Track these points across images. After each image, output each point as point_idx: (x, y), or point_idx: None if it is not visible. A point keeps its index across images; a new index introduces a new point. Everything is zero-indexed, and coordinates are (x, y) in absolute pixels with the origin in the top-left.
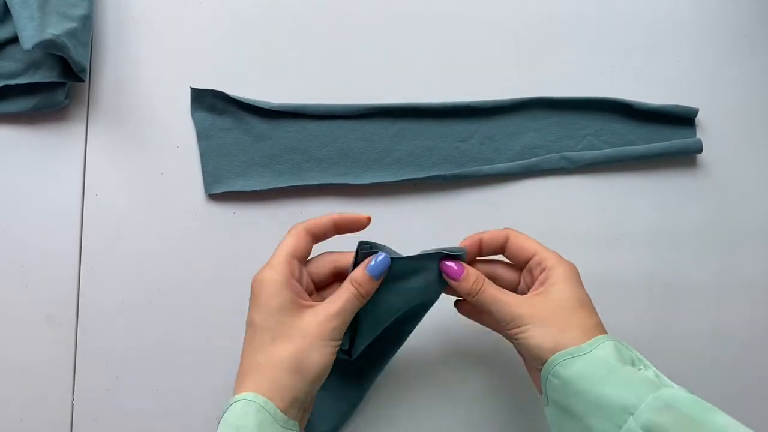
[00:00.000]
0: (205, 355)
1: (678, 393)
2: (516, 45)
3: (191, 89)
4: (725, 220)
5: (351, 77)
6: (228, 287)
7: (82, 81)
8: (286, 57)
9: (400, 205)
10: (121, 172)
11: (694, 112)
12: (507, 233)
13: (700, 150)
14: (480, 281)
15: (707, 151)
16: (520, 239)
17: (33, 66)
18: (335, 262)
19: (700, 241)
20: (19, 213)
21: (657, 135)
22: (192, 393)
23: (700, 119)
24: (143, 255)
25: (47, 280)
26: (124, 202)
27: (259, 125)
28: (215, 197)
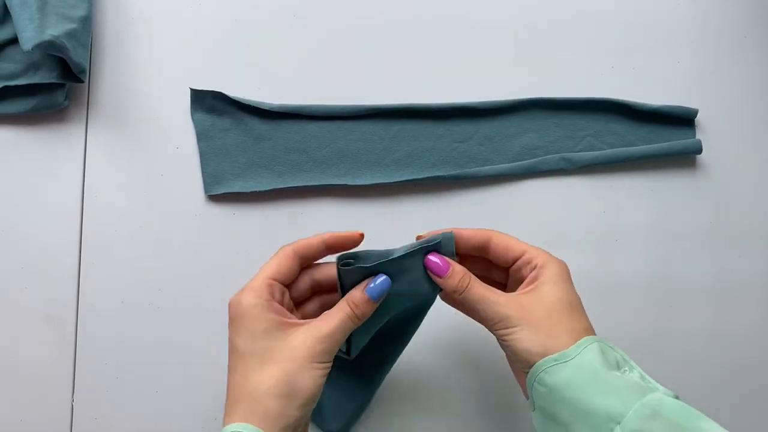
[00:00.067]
0: (205, 356)
1: (664, 399)
2: (516, 45)
3: (191, 90)
4: (725, 220)
5: (350, 78)
6: (228, 288)
7: (81, 82)
8: (285, 58)
9: (399, 206)
10: (121, 173)
11: (693, 112)
12: (489, 234)
13: (699, 151)
14: (467, 278)
15: (707, 152)
16: (505, 240)
17: (32, 67)
18: (312, 275)
19: (699, 242)
20: (19, 214)
21: (656, 136)
22: (192, 393)
23: (699, 120)
24: (143, 256)
25: (47, 280)
26: (123, 202)
27: (259, 126)
28: (215, 198)
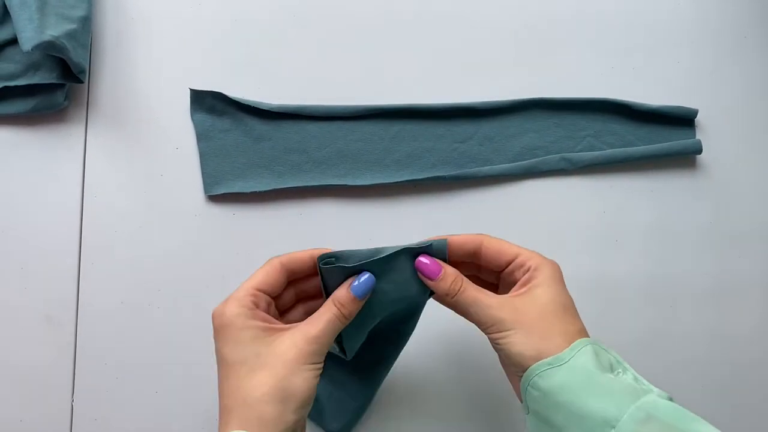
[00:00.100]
0: (205, 356)
1: (659, 402)
2: (516, 45)
3: (191, 90)
4: (725, 220)
5: (350, 78)
6: (227, 288)
7: (81, 82)
8: (285, 58)
9: (399, 206)
10: (121, 173)
11: (693, 113)
12: (480, 239)
13: (699, 151)
14: (459, 281)
15: (707, 152)
16: (496, 244)
17: (32, 67)
18: (298, 286)
19: (699, 242)
20: (19, 214)
21: (656, 136)
22: (191, 393)
23: (699, 120)
24: (143, 256)
25: (47, 281)
26: (123, 203)
27: (259, 126)
28: (215, 198)
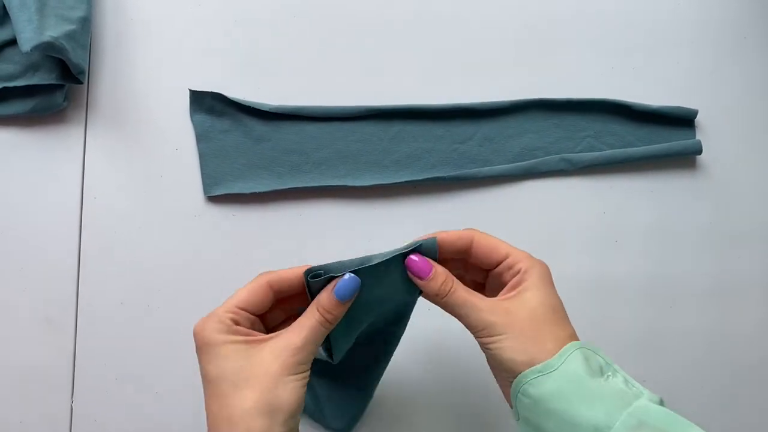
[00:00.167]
0: None
1: (650, 407)
2: (515, 46)
3: (190, 91)
4: (725, 221)
5: (350, 79)
6: (227, 289)
7: (80, 83)
8: (284, 59)
9: (399, 207)
10: (120, 174)
11: (693, 113)
12: (471, 234)
13: (699, 151)
14: (450, 282)
15: (707, 153)
16: (488, 241)
17: (31, 68)
18: (287, 306)
19: (699, 242)
20: (18, 215)
21: (656, 136)
22: (191, 394)
23: (699, 120)
24: (142, 257)
25: (46, 282)
26: (123, 204)
27: (258, 127)
28: (214, 199)
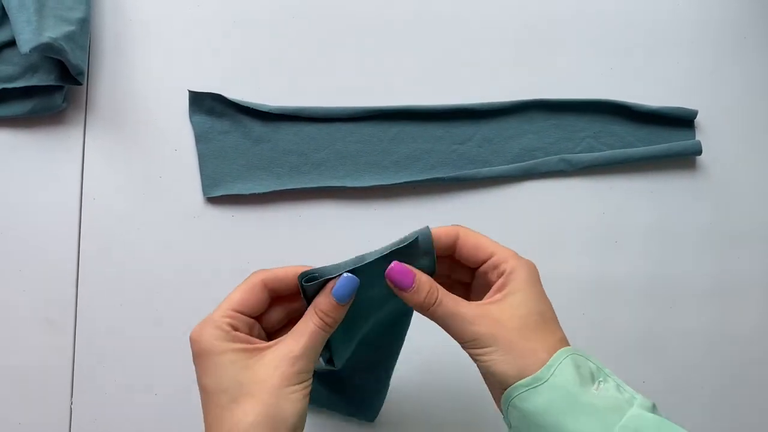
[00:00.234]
0: None
1: (643, 416)
2: (515, 46)
3: (189, 92)
4: (724, 221)
5: (349, 79)
6: (226, 290)
7: (79, 84)
8: (284, 59)
9: (398, 208)
10: (119, 175)
11: (693, 113)
12: (457, 231)
13: (699, 152)
14: (434, 292)
15: (706, 153)
16: (473, 238)
17: (30, 69)
18: (287, 305)
19: (699, 243)
20: (17, 216)
21: (656, 137)
22: (190, 396)
23: (699, 121)
24: (141, 258)
25: (45, 283)
26: (122, 205)
27: (258, 128)
28: (214, 200)
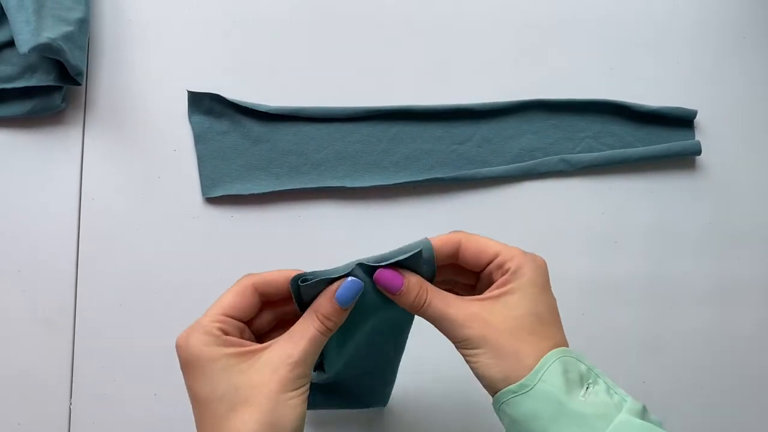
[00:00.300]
0: None
1: (631, 422)
2: (514, 47)
3: (188, 92)
4: (724, 221)
5: (348, 79)
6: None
7: (78, 84)
8: (283, 59)
9: (398, 208)
10: (118, 175)
11: (692, 114)
12: (458, 238)
13: (698, 152)
14: (423, 294)
15: (706, 153)
16: (475, 242)
17: (29, 70)
18: (275, 310)
19: (698, 243)
20: (16, 217)
21: (656, 137)
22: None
23: (698, 121)
24: (141, 259)
25: (44, 284)
26: (121, 205)
27: (257, 128)
28: (213, 201)
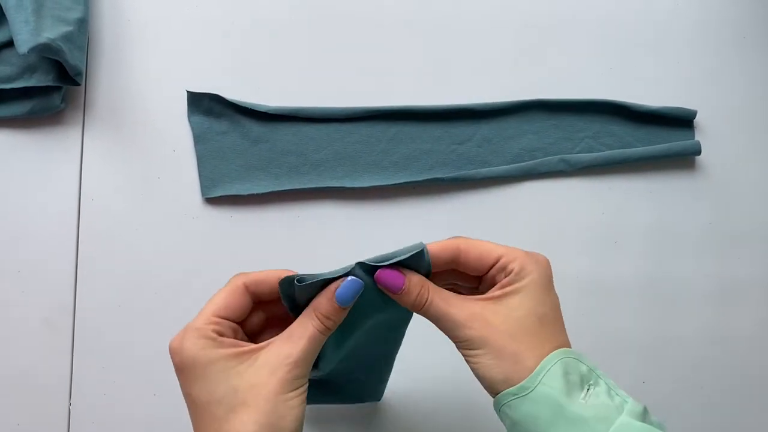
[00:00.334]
0: None
1: (631, 425)
2: (514, 47)
3: (188, 93)
4: (724, 221)
5: (348, 80)
6: None
7: (78, 85)
8: (282, 59)
9: (397, 208)
10: (118, 176)
11: (692, 114)
12: (457, 244)
13: (698, 152)
14: (425, 294)
15: (706, 153)
16: (477, 247)
17: (28, 70)
18: (267, 310)
19: (698, 243)
20: (16, 218)
21: (655, 137)
22: None
23: (698, 121)
24: (140, 259)
25: (44, 284)
26: (120, 206)
27: (256, 129)
28: (212, 201)
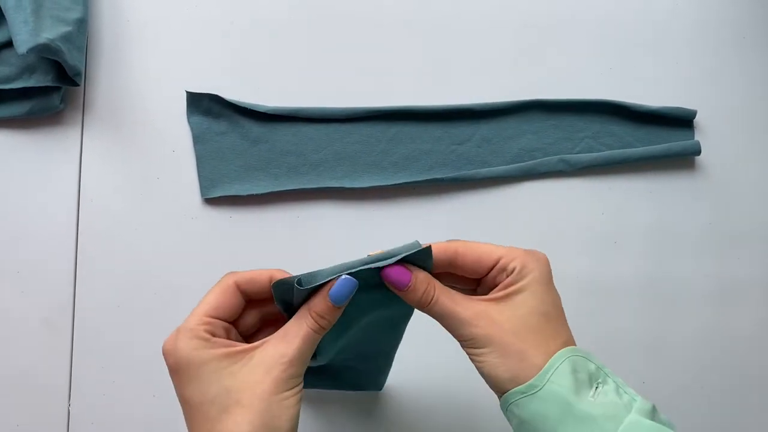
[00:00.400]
0: None
1: (640, 423)
2: (513, 47)
3: (187, 93)
4: (724, 221)
5: (347, 80)
6: None
7: (77, 85)
8: (282, 60)
9: (397, 209)
10: (117, 176)
11: (692, 114)
12: (454, 247)
13: (698, 152)
14: (431, 291)
15: (706, 153)
16: (475, 249)
17: (28, 70)
18: (261, 309)
19: (698, 243)
20: (15, 218)
21: (655, 137)
22: None
23: (698, 121)
24: (139, 259)
25: (43, 285)
26: (120, 206)
27: (255, 129)
28: (212, 201)
